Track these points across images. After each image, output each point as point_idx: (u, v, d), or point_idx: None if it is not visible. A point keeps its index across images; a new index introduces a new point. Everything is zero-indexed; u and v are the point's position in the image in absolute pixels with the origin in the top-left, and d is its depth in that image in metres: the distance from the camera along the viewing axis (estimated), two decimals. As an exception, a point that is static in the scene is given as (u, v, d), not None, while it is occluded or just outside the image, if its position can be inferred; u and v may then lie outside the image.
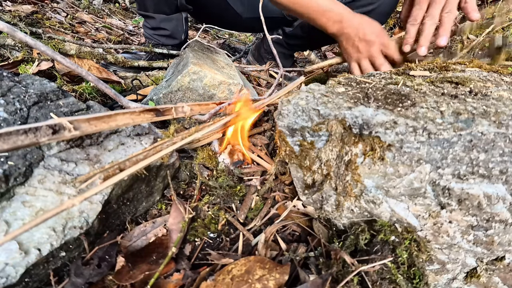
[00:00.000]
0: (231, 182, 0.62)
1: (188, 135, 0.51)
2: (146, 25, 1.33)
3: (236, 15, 1.34)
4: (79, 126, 0.35)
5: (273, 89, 0.86)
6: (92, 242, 0.46)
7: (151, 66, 1.28)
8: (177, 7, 1.22)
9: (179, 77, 0.79)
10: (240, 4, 1.31)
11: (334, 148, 0.46)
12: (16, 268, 0.36)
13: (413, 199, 0.41)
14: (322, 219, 0.53)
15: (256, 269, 0.40)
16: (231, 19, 1.37)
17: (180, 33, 1.32)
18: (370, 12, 1.13)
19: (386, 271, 0.40)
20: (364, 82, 0.54)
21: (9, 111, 0.45)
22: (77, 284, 0.40)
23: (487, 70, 0.57)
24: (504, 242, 0.40)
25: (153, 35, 1.33)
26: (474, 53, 0.91)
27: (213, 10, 1.35)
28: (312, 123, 0.46)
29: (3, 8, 1.59)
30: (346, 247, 0.45)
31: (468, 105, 0.40)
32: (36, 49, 0.47)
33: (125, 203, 0.51)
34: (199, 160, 0.66)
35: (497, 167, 0.36)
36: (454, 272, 0.44)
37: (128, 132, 0.55)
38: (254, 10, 1.32)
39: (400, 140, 0.38)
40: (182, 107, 0.53)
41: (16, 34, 0.41)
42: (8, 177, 0.39)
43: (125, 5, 2.76)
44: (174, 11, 1.24)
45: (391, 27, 2.38)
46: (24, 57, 0.99)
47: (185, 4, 1.22)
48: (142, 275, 0.41)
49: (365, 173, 0.42)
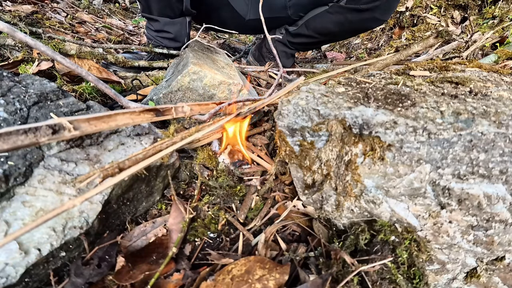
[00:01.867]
0: (231, 182, 0.62)
1: (188, 135, 0.51)
2: (149, 27, 1.33)
3: (239, 17, 1.35)
4: (79, 126, 0.35)
5: (273, 89, 0.86)
6: (92, 242, 0.46)
7: (151, 66, 1.28)
8: (181, 12, 1.23)
9: (179, 77, 0.79)
10: (245, 5, 1.32)
11: (334, 148, 0.46)
12: (16, 268, 0.36)
13: (413, 199, 0.41)
14: (322, 219, 0.53)
15: (256, 269, 0.40)
16: (234, 22, 1.38)
17: (183, 37, 1.33)
18: (376, 8, 1.13)
19: (386, 271, 0.40)
20: (364, 82, 0.54)
21: (9, 111, 0.45)
22: (77, 284, 0.40)
23: (487, 70, 0.57)
24: (504, 242, 0.40)
25: (156, 37, 1.34)
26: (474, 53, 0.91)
27: (217, 14, 1.36)
28: (312, 123, 0.46)
29: (3, 8, 1.59)
30: (346, 247, 0.45)
31: (468, 105, 0.40)
32: (36, 49, 0.47)
33: (125, 203, 0.51)
34: (199, 160, 0.66)
35: (497, 167, 0.36)
36: (454, 272, 0.44)
37: (128, 132, 0.55)
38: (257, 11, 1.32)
39: (400, 140, 0.38)
40: (182, 107, 0.53)
41: (16, 35, 0.41)
42: (8, 177, 0.39)
43: (125, 5, 2.76)
44: (179, 15, 1.24)
45: (391, 27, 2.38)
46: (24, 57, 0.99)
47: (190, 9, 1.23)
48: (142, 275, 0.41)
49: (365, 173, 0.42)
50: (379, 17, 1.19)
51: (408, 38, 2.13)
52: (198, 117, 0.63)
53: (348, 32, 1.39)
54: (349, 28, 1.28)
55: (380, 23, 1.26)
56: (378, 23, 1.26)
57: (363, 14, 1.18)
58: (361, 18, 1.20)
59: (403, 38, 2.18)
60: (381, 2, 1.12)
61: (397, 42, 2.17)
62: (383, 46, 2.31)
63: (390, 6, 1.19)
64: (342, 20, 1.24)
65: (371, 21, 1.22)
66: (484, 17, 1.86)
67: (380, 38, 2.41)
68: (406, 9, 2.24)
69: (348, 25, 1.25)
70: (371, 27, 1.34)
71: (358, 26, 1.27)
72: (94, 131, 0.37)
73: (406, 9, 2.24)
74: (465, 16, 2.00)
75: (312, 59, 2.18)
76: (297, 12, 1.34)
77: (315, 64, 1.82)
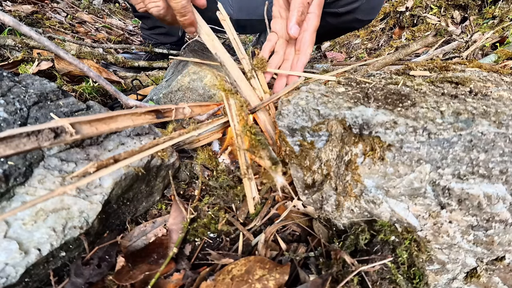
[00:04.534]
0: (231, 182, 0.62)
1: (186, 132, 0.51)
2: (143, 27, 1.34)
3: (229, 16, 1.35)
4: (81, 129, 0.35)
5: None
6: (92, 242, 0.46)
7: (151, 66, 1.28)
8: None
9: (179, 77, 0.79)
10: (229, 6, 1.32)
11: (334, 148, 0.46)
12: (16, 268, 0.35)
13: (413, 199, 0.41)
14: (322, 219, 0.53)
15: (256, 269, 0.40)
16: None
17: (176, 30, 1.33)
18: (355, 10, 1.10)
19: (386, 271, 0.40)
20: (364, 82, 0.54)
21: (9, 111, 0.45)
22: (77, 284, 0.40)
23: (487, 70, 0.57)
24: (504, 242, 0.40)
25: (150, 35, 1.34)
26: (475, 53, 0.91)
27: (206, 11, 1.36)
28: (312, 123, 0.46)
29: (3, 8, 1.59)
30: (346, 247, 0.45)
31: (468, 105, 0.40)
32: (39, 43, 0.48)
33: (125, 203, 0.51)
34: (200, 160, 0.66)
35: (497, 167, 0.36)
36: (454, 272, 0.44)
37: (128, 132, 0.55)
38: (241, 12, 1.32)
39: (400, 140, 0.38)
40: (183, 108, 0.53)
41: (21, 28, 0.41)
42: (8, 177, 0.39)
43: (125, 5, 2.76)
44: None
45: (391, 27, 2.38)
46: (24, 57, 0.99)
47: None
48: (142, 275, 0.41)
49: (365, 173, 0.42)
50: (361, 18, 1.16)
51: (408, 38, 2.13)
52: (197, 117, 0.63)
53: (333, 34, 1.37)
54: (332, 30, 1.25)
55: (365, 23, 1.23)
56: (362, 23, 1.23)
57: (344, 17, 1.14)
58: (342, 20, 1.16)
59: (403, 38, 2.18)
60: (361, 3, 1.08)
61: (397, 42, 2.17)
62: (383, 46, 2.31)
63: (372, 6, 1.14)
64: (323, 23, 1.23)
65: (354, 22, 1.19)
66: (484, 17, 1.86)
67: (380, 38, 2.41)
68: (406, 9, 2.24)
69: (330, 28, 1.21)
70: (356, 27, 1.31)
71: (341, 28, 1.24)
72: (95, 134, 0.37)
73: (406, 9, 2.24)
74: (465, 16, 2.01)
75: (312, 59, 2.18)
76: None
77: (315, 64, 1.82)
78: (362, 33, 2.59)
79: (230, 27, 0.64)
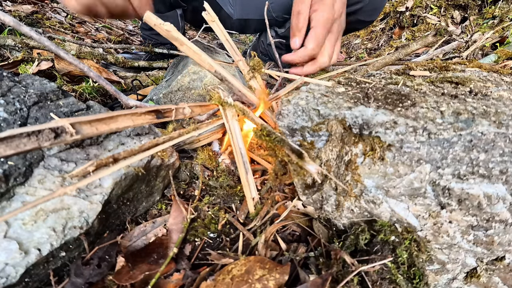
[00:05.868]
0: (231, 182, 0.62)
1: (186, 132, 0.51)
2: (143, 27, 1.34)
3: (227, 16, 1.35)
4: (81, 129, 0.35)
5: (276, 89, 0.86)
6: (92, 242, 0.46)
7: (151, 66, 1.29)
8: (170, 4, 1.23)
9: (179, 77, 0.79)
10: (230, 6, 1.32)
11: (334, 148, 0.46)
12: (16, 268, 0.35)
13: (413, 199, 0.41)
14: (322, 219, 0.53)
15: (256, 269, 0.40)
16: (223, 20, 1.38)
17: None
18: (358, 11, 1.10)
19: (386, 271, 0.40)
20: (364, 82, 0.54)
21: (9, 111, 0.45)
22: (77, 284, 0.40)
23: (487, 70, 0.57)
24: (504, 242, 0.40)
25: (151, 35, 1.34)
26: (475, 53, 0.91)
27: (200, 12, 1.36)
28: (312, 123, 0.46)
29: (3, 8, 1.59)
30: (346, 247, 0.45)
31: (468, 105, 0.40)
32: (39, 43, 0.48)
33: (125, 203, 0.51)
34: (200, 160, 0.66)
35: (497, 167, 0.36)
36: (454, 272, 0.44)
37: (128, 132, 0.55)
38: (242, 11, 1.33)
39: (400, 140, 0.38)
40: (183, 108, 0.53)
41: (21, 28, 0.41)
42: (8, 177, 0.39)
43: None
44: (169, 8, 1.25)
45: (391, 27, 2.38)
46: (24, 57, 0.99)
47: (179, 1, 1.23)
48: (142, 275, 0.41)
49: (365, 173, 0.42)
50: (363, 19, 1.17)
51: (408, 38, 2.13)
52: (198, 117, 0.63)
53: None
54: None
55: (366, 24, 1.24)
56: (364, 24, 1.23)
57: (347, 18, 1.16)
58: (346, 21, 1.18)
59: (403, 38, 2.18)
60: (363, 4, 1.09)
61: (397, 42, 2.17)
62: (383, 46, 2.31)
63: (375, 8, 1.15)
64: None
65: (356, 23, 1.19)
66: (484, 17, 1.86)
67: (380, 38, 2.41)
68: (406, 9, 2.24)
69: None
70: (357, 28, 1.32)
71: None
72: (95, 134, 0.37)
73: (406, 9, 2.24)
74: (465, 16, 2.01)
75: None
76: (281, 14, 1.33)
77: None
78: (362, 33, 2.59)
79: (221, 28, 0.64)
